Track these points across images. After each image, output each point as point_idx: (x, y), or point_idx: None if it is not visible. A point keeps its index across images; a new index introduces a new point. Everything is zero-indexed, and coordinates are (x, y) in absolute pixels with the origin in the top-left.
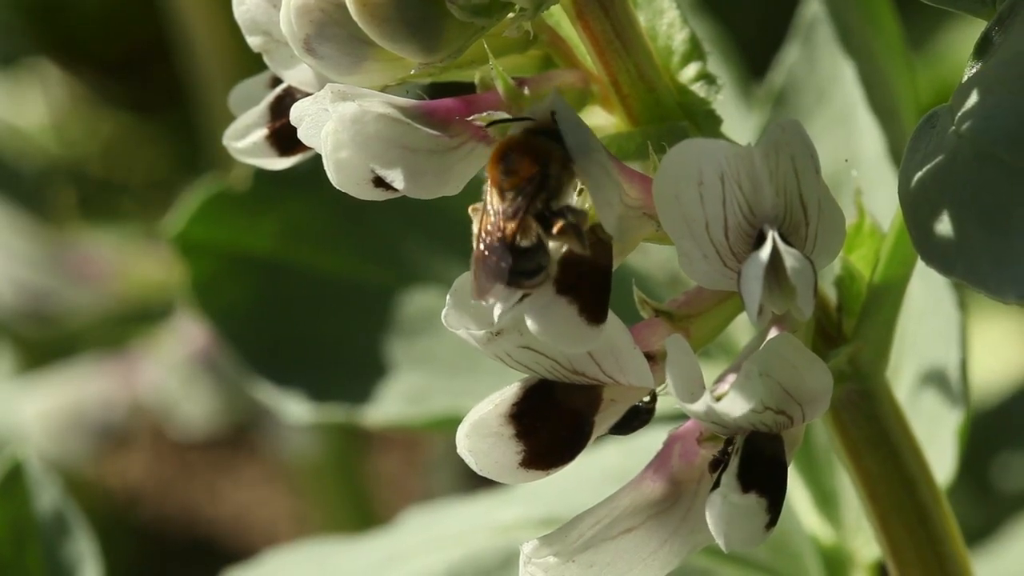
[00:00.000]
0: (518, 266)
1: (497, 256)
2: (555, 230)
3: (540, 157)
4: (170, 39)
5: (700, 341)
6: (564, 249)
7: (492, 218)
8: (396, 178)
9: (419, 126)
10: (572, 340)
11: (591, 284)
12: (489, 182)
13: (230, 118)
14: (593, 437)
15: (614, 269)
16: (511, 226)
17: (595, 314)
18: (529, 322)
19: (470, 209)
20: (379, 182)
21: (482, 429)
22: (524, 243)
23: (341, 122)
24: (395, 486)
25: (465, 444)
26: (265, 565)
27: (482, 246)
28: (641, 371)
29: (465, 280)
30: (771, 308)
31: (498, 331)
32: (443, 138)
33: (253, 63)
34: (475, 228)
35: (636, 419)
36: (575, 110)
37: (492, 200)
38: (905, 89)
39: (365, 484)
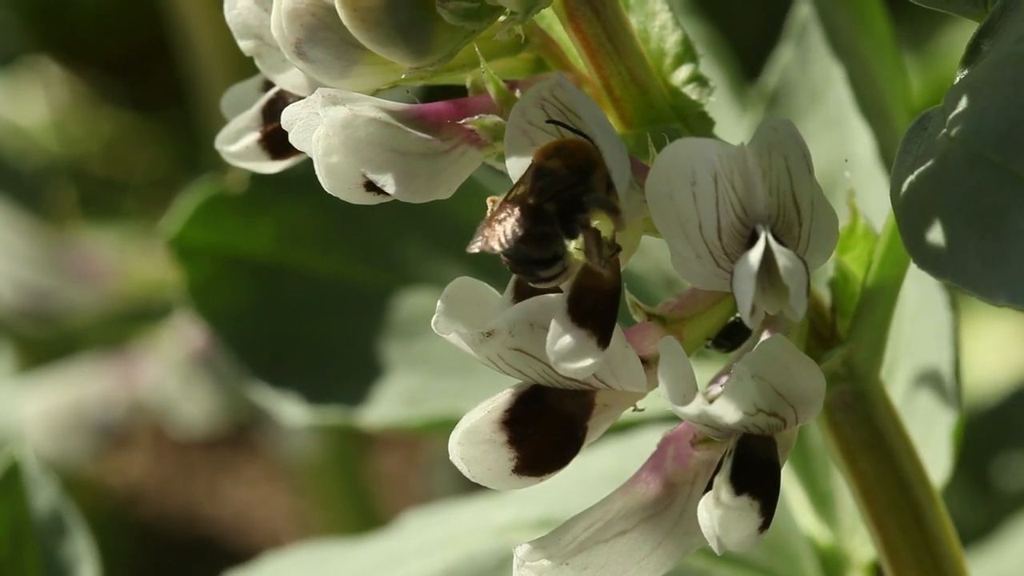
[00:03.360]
0: (533, 232)
1: (513, 216)
2: (581, 222)
3: (589, 160)
4: (171, 38)
5: (693, 344)
6: (578, 274)
7: (520, 190)
8: (387, 182)
9: (410, 130)
10: (588, 367)
11: (604, 310)
12: (530, 165)
13: None
14: (586, 442)
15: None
16: (536, 200)
17: (607, 339)
18: (551, 354)
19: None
20: (370, 186)
21: (474, 436)
22: (542, 225)
23: (332, 126)
24: (396, 485)
25: (458, 451)
26: (263, 568)
27: (499, 207)
28: (634, 376)
29: (456, 285)
30: (764, 308)
31: (489, 332)
32: (434, 142)
33: (252, 63)
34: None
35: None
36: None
37: (526, 177)
38: (896, 90)
39: (366, 483)
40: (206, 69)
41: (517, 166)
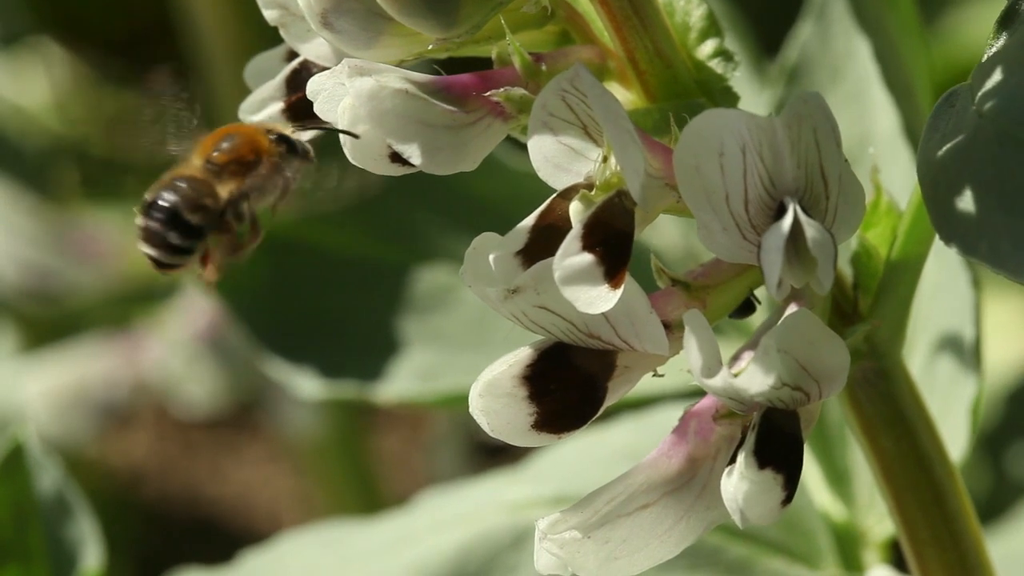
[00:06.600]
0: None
1: None
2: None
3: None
4: (174, 18)
5: (716, 313)
6: (592, 212)
7: None
8: (413, 153)
9: (436, 101)
10: (592, 300)
11: (614, 248)
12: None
13: (234, 97)
14: (606, 403)
15: (636, 235)
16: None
17: (616, 277)
18: (557, 269)
19: None
20: (395, 157)
21: (495, 389)
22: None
23: (358, 97)
24: (398, 465)
25: (478, 404)
26: (278, 547)
27: None
28: (657, 337)
29: (483, 239)
30: (790, 281)
31: (514, 289)
32: (460, 114)
33: (257, 42)
34: None
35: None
36: (597, 79)
37: None
38: (920, 66)
39: (368, 463)
40: (209, 50)
41: (540, 158)
